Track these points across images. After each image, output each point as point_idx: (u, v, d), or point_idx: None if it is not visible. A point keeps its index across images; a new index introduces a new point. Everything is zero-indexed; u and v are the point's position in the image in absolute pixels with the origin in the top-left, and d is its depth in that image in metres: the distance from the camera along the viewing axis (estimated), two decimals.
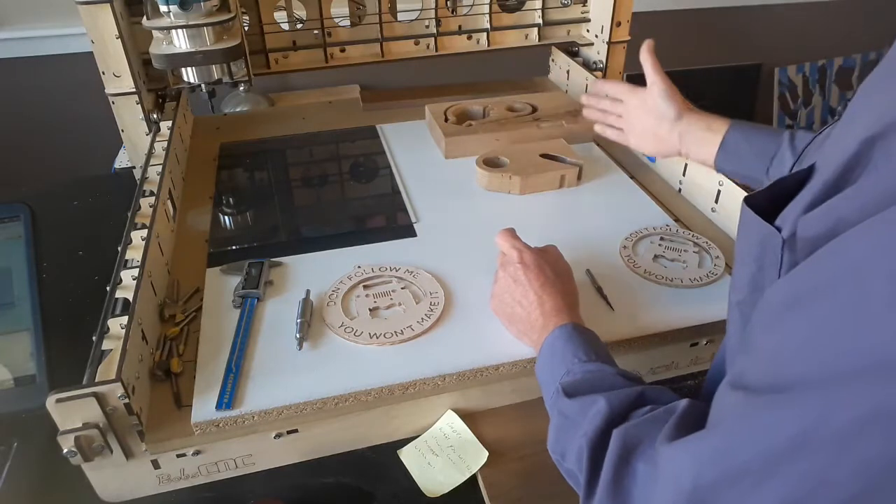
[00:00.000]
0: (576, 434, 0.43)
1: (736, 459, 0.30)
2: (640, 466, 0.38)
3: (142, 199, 0.75)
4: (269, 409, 0.56)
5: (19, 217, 0.72)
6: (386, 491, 0.57)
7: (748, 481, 0.29)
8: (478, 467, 0.57)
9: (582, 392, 0.46)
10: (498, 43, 1.15)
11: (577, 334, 0.53)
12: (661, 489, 0.34)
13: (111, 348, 0.55)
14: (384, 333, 0.63)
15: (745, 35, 2.26)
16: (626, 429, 0.40)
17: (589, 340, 0.53)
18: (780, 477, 0.28)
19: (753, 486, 0.29)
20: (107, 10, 0.82)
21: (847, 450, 0.26)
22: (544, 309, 0.57)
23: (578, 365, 0.50)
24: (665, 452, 0.35)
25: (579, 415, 0.44)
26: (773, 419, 0.29)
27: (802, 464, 0.27)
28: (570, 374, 0.49)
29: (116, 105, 0.90)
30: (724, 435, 0.32)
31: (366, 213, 0.89)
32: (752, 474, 0.29)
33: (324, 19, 1.05)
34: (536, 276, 0.58)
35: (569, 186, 0.89)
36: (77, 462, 0.51)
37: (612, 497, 0.38)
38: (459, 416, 0.61)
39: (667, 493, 0.34)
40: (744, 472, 0.29)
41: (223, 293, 0.69)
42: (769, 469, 0.28)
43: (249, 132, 1.09)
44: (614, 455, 0.39)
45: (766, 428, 0.29)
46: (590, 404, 0.44)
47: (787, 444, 0.28)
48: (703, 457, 0.32)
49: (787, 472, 0.28)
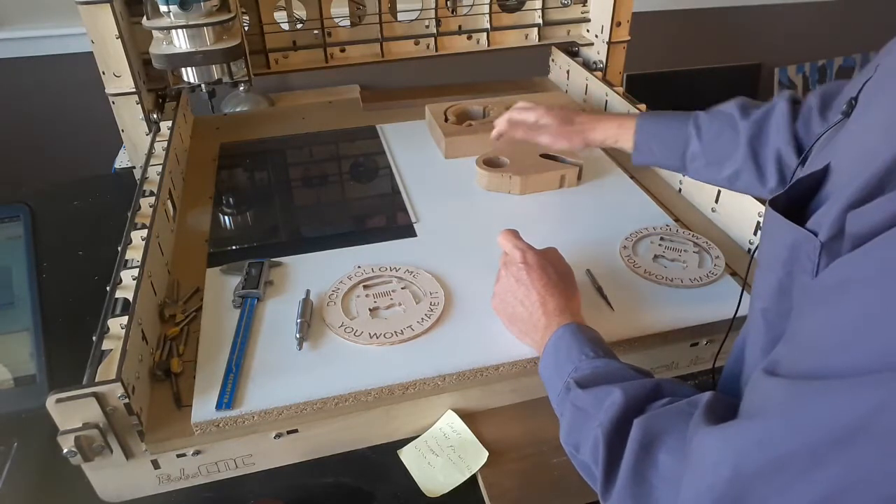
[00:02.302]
0: (591, 425, 0.43)
1: (781, 448, 0.29)
2: (663, 457, 0.37)
3: (142, 199, 0.75)
4: (269, 409, 0.56)
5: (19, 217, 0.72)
6: (386, 491, 0.57)
7: (793, 470, 0.28)
8: (478, 467, 0.57)
9: (595, 384, 0.46)
10: (498, 43, 1.15)
11: (582, 332, 0.53)
12: (695, 477, 0.33)
13: (111, 348, 0.55)
14: (384, 333, 0.63)
15: (745, 35, 2.26)
16: (647, 419, 0.39)
17: (594, 339, 0.53)
18: (829, 466, 0.27)
19: (798, 476, 0.28)
20: (107, 10, 0.82)
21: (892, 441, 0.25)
22: (547, 309, 0.56)
23: (586, 361, 0.49)
24: (700, 440, 0.34)
25: (594, 406, 0.43)
26: (825, 406, 0.28)
27: (854, 453, 0.26)
28: (579, 371, 0.49)
29: (116, 105, 0.90)
30: (768, 422, 0.31)
31: (366, 213, 0.89)
32: (798, 463, 0.28)
33: (324, 19, 1.05)
34: (539, 277, 0.58)
35: (569, 186, 0.89)
36: (77, 462, 0.51)
37: (633, 487, 0.38)
38: (459, 416, 0.61)
39: (703, 481, 0.33)
40: (789, 460, 0.29)
41: (223, 293, 0.69)
42: (817, 458, 0.27)
43: (249, 132, 1.09)
44: (636, 445, 0.38)
45: (816, 416, 0.28)
46: (605, 395, 0.43)
47: (840, 432, 0.27)
48: (744, 445, 0.31)
49: (836, 461, 0.27)
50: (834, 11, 2.30)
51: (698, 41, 2.21)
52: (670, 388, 0.44)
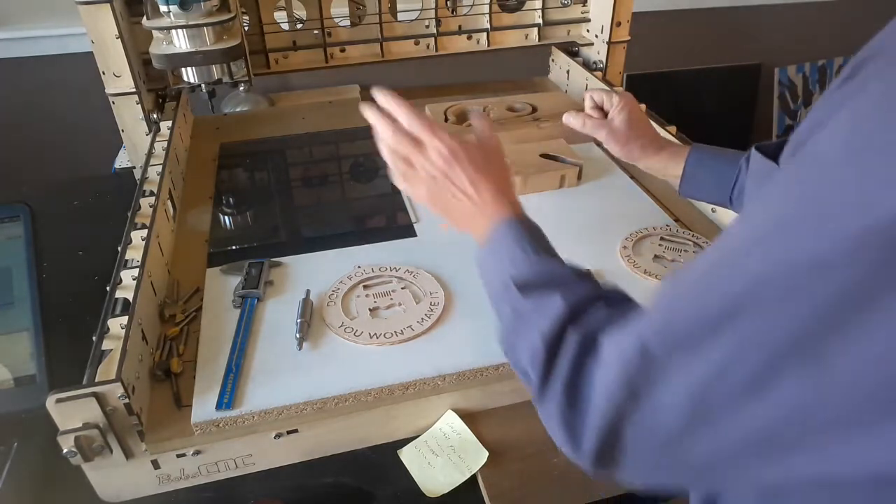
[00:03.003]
0: (529, 331, 0.43)
1: (680, 327, 0.32)
2: (592, 362, 0.38)
3: (142, 199, 0.75)
4: (269, 409, 0.56)
5: (19, 217, 0.72)
6: (386, 491, 0.57)
7: (690, 345, 0.31)
8: (478, 467, 0.57)
9: (536, 288, 0.46)
10: (498, 43, 1.15)
11: (523, 228, 0.52)
12: (609, 370, 0.36)
13: (111, 348, 0.55)
14: (384, 333, 0.63)
15: (745, 35, 2.26)
16: (584, 328, 0.40)
17: (533, 233, 0.52)
18: (721, 337, 0.30)
19: (695, 350, 0.31)
20: (107, 10, 0.82)
21: (777, 307, 0.28)
22: (484, 201, 0.55)
23: (526, 260, 0.49)
24: (616, 337, 0.37)
25: (534, 311, 0.44)
26: (717, 283, 0.31)
27: (742, 323, 0.29)
28: (518, 269, 0.49)
29: (116, 105, 0.90)
30: (668, 303, 0.34)
31: (366, 213, 0.89)
32: (695, 338, 0.31)
33: (324, 19, 1.05)
34: (473, 168, 0.56)
35: (569, 186, 0.89)
36: (77, 462, 0.51)
37: (568, 394, 0.39)
38: (459, 416, 0.61)
39: (613, 370, 0.35)
40: (686, 338, 0.31)
41: (223, 293, 0.69)
42: (714, 331, 0.30)
43: (249, 132, 1.09)
44: (572, 353, 0.39)
45: (709, 293, 0.31)
46: (545, 301, 0.43)
47: (730, 305, 0.29)
48: (649, 331, 0.34)
49: (726, 332, 0.29)
50: (834, 11, 2.30)
51: (698, 41, 2.21)
52: (609, 295, 0.45)
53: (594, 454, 0.37)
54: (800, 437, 0.29)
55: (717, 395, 0.30)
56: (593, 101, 0.82)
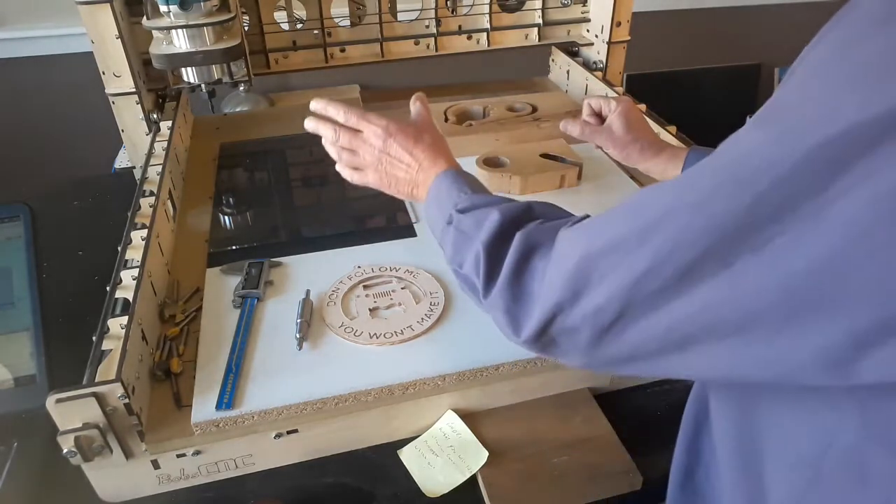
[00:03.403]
0: (473, 244, 0.47)
1: (618, 231, 0.36)
2: (539, 264, 0.42)
3: (142, 199, 0.75)
4: (269, 409, 0.56)
5: (19, 217, 0.71)
6: (386, 491, 0.57)
7: (626, 247, 0.35)
8: (478, 467, 0.57)
9: (475, 208, 0.52)
10: (498, 43, 1.15)
11: (460, 175, 0.59)
12: (555, 265, 0.40)
13: (111, 348, 0.55)
14: (384, 333, 0.63)
15: (745, 35, 2.26)
16: (526, 233, 0.44)
17: (470, 180, 0.58)
18: (650, 242, 0.34)
19: (627, 254, 0.35)
20: (107, 10, 0.82)
21: (700, 213, 0.32)
22: (423, 165, 0.62)
23: (465, 197, 0.55)
24: (562, 237, 0.41)
25: (475, 227, 0.49)
26: (651, 196, 0.35)
27: (668, 228, 0.33)
28: (460, 205, 0.54)
29: (116, 105, 0.90)
30: (615, 215, 0.38)
31: (366, 213, 0.89)
32: (630, 241, 0.35)
33: (324, 19, 1.05)
34: (406, 139, 0.63)
35: (569, 186, 0.89)
36: (77, 462, 0.51)
37: (511, 288, 0.43)
38: (459, 416, 0.61)
39: (559, 266, 0.40)
40: (623, 241, 0.35)
41: (223, 293, 0.69)
42: (643, 236, 0.34)
43: (249, 132, 1.09)
44: (516, 255, 0.43)
45: (643, 203, 0.36)
46: (484, 216, 0.48)
47: (659, 213, 0.34)
48: (592, 233, 0.39)
49: (655, 237, 0.33)
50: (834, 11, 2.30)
51: (698, 41, 2.21)
52: (541, 208, 0.50)
53: (532, 339, 0.42)
54: (710, 333, 0.33)
55: (644, 293, 0.34)
56: (591, 108, 0.82)
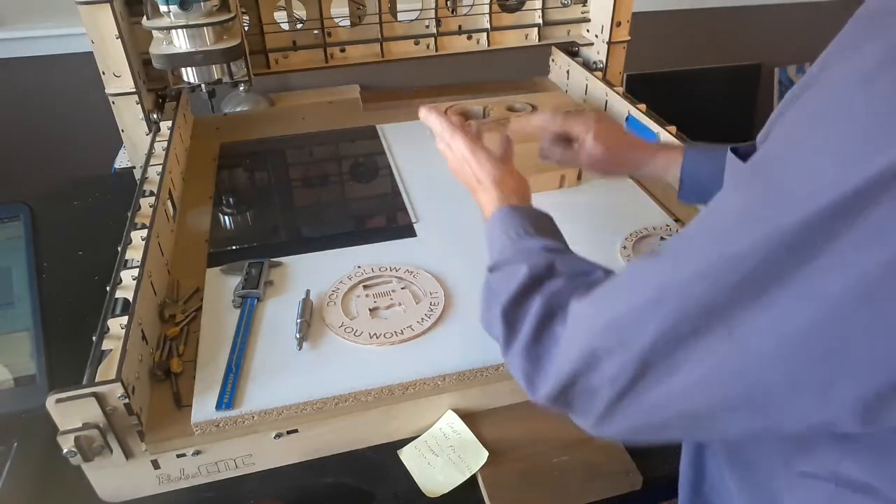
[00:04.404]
0: (498, 300, 0.47)
1: (630, 303, 0.36)
2: (558, 329, 0.42)
3: (142, 199, 0.75)
4: (269, 409, 0.56)
5: (19, 217, 0.71)
6: (386, 491, 0.57)
7: (639, 319, 0.35)
8: (478, 467, 0.57)
9: (505, 264, 0.50)
10: (498, 43, 1.15)
11: (514, 214, 0.58)
12: (568, 338, 0.40)
13: (111, 348, 0.55)
14: (384, 333, 0.63)
15: (745, 35, 2.26)
16: (547, 296, 0.44)
17: (524, 217, 0.57)
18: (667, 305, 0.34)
19: (641, 323, 0.35)
20: (107, 10, 0.82)
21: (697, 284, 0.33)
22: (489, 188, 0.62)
23: (508, 244, 0.54)
24: (575, 308, 0.41)
25: (502, 284, 0.48)
26: (661, 269, 0.36)
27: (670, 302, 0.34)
28: (497, 255, 0.53)
29: (116, 105, 0.90)
30: (626, 284, 0.39)
31: (366, 213, 0.89)
32: (642, 313, 0.35)
33: (324, 19, 1.05)
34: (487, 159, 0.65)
35: (569, 186, 0.89)
36: (77, 462, 0.51)
37: (528, 352, 0.43)
38: (459, 416, 0.61)
39: (573, 340, 0.40)
40: (636, 312, 0.36)
41: (223, 293, 0.69)
42: (646, 310, 0.35)
43: (249, 132, 1.09)
44: (535, 319, 0.43)
45: (655, 276, 0.36)
46: (512, 273, 0.47)
47: (656, 290, 0.35)
48: (604, 304, 0.39)
49: (670, 301, 0.34)
50: (834, 11, 2.30)
51: (698, 41, 2.21)
52: (564, 265, 0.48)
53: (548, 401, 0.42)
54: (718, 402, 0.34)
55: (654, 361, 0.35)
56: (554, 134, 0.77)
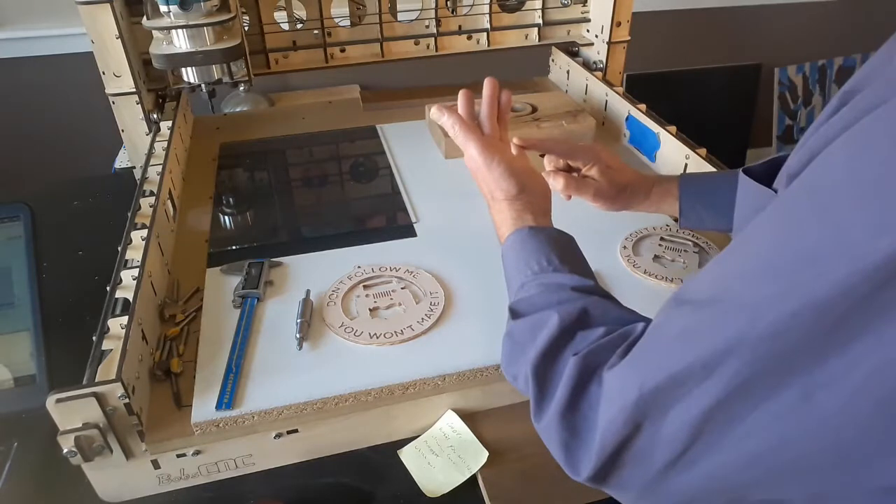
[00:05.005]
0: (524, 359, 0.44)
1: (679, 364, 0.33)
2: (594, 389, 0.39)
3: (142, 199, 0.75)
4: (269, 409, 0.56)
5: (19, 217, 0.71)
6: (386, 491, 0.57)
7: (689, 382, 0.32)
8: (478, 467, 0.57)
9: (530, 311, 0.47)
10: (498, 43, 1.15)
11: (534, 237, 0.54)
12: (610, 404, 0.37)
13: (111, 348, 0.55)
14: (384, 333, 0.63)
15: (745, 35, 2.26)
16: (584, 356, 0.40)
17: (540, 245, 0.53)
18: (716, 375, 0.31)
19: (694, 386, 0.32)
20: (107, 10, 0.82)
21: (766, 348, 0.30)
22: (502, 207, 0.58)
23: (532, 277, 0.50)
24: (614, 372, 0.38)
25: (528, 336, 0.45)
26: (713, 326, 0.32)
27: (735, 362, 0.31)
28: (525, 289, 0.50)
29: (116, 105, 0.90)
30: (669, 342, 0.35)
31: (366, 213, 0.89)
32: (694, 376, 0.32)
33: (324, 19, 1.05)
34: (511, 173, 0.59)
35: None
36: (77, 462, 0.51)
37: (567, 419, 0.40)
38: (459, 416, 0.61)
39: (615, 405, 0.36)
40: (686, 374, 0.32)
41: (223, 293, 0.69)
42: (708, 369, 0.32)
43: (249, 132, 1.09)
44: (572, 381, 0.40)
45: (706, 334, 0.32)
46: (539, 323, 0.44)
47: (725, 345, 0.31)
48: (647, 368, 0.35)
49: (723, 370, 0.31)
50: (834, 11, 2.30)
51: (698, 41, 2.21)
52: (599, 310, 0.45)
53: (591, 478, 0.39)
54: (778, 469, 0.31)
55: (709, 430, 0.32)
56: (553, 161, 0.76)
